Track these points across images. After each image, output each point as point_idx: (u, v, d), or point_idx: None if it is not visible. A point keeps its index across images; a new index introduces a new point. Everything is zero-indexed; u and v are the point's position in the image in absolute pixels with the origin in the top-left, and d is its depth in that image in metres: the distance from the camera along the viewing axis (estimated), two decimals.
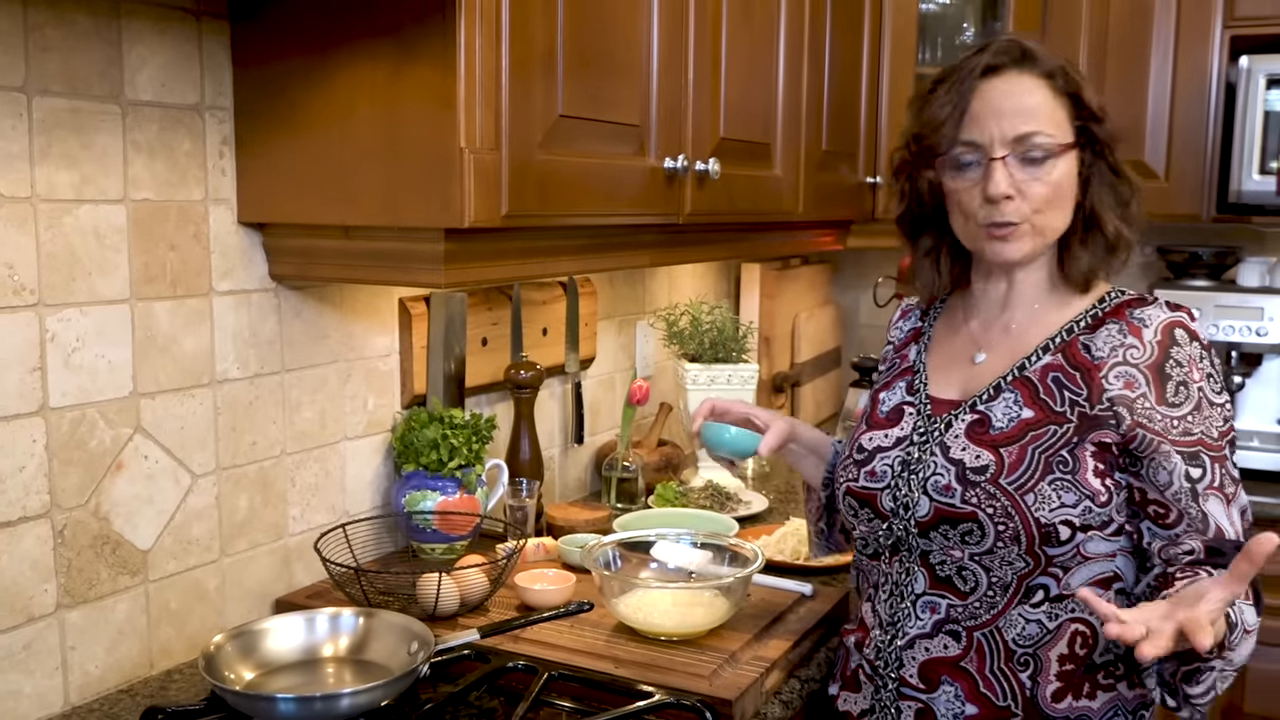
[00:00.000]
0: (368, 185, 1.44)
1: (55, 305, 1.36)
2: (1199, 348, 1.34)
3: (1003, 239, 1.38)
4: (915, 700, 1.40)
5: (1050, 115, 1.35)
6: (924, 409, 1.46)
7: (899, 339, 1.61)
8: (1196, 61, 2.69)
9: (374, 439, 1.86)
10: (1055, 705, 1.34)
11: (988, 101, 1.36)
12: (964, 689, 1.37)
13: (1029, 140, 1.34)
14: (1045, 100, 1.35)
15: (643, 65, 1.68)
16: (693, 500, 2.21)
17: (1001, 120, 1.35)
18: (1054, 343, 1.39)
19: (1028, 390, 1.38)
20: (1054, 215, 1.37)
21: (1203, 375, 1.33)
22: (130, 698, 1.44)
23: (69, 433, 1.39)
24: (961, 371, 1.47)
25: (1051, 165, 1.34)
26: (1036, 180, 1.35)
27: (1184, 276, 2.89)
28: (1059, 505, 1.31)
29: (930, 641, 1.39)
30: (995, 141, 1.35)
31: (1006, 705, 1.36)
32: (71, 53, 1.35)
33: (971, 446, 1.38)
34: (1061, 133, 1.35)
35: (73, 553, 1.40)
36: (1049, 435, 1.34)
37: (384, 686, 1.26)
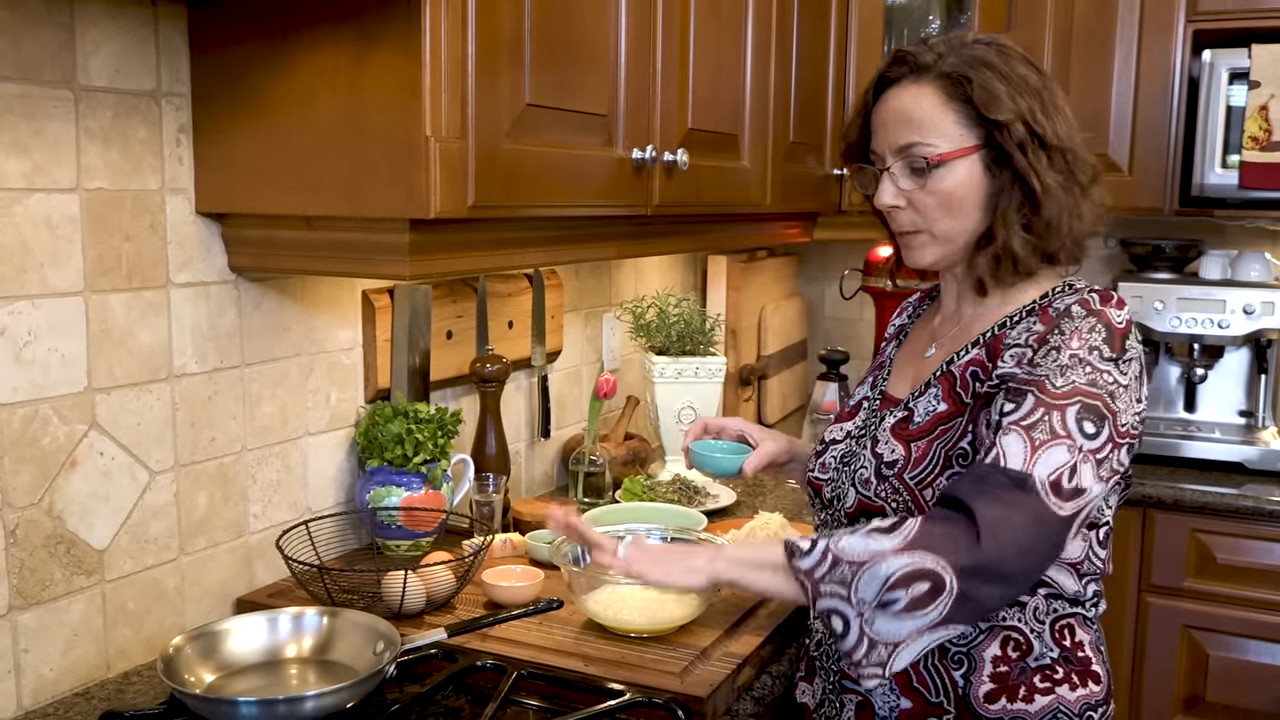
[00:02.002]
0: (330, 174, 1.40)
1: (5, 297, 1.31)
2: (1095, 320, 1.28)
3: (908, 245, 1.41)
4: (854, 693, 1.41)
5: (936, 123, 1.33)
6: (874, 403, 1.49)
7: (890, 334, 1.63)
8: (1159, 55, 2.71)
9: (337, 434, 1.83)
10: (988, 706, 1.33)
11: (881, 114, 1.39)
12: (898, 682, 1.37)
13: (909, 151, 1.35)
14: (933, 109, 1.33)
15: (610, 54, 1.66)
16: (661, 494, 2.19)
17: (888, 131, 1.37)
18: (984, 337, 1.38)
19: (948, 385, 1.38)
20: (950, 223, 1.36)
21: (1084, 344, 1.26)
22: (86, 701, 1.40)
23: (20, 429, 1.34)
24: (914, 367, 1.49)
25: (939, 174, 1.33)
26: (922, 190, 1.35)
27: (1147, 269, 2.91)
28: None
29: None
30: (885, 151, 1.38)
31: (939, 702, 1.35)
32: (21, 36, 1.30)
33: (891, 441, 1.39)
34: (950, 140, 1.32)
35: (25, 553, 1.36)
36: (953, 428, 1.34)
37: (349, 688, 1.23)
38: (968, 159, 1.33)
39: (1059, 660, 1.34)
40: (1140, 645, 2.62)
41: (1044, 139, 1.30)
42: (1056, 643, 1.35)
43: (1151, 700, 2.61)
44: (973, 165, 1.33)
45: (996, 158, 1.32)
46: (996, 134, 1.30)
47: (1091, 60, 2.76)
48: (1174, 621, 2.58)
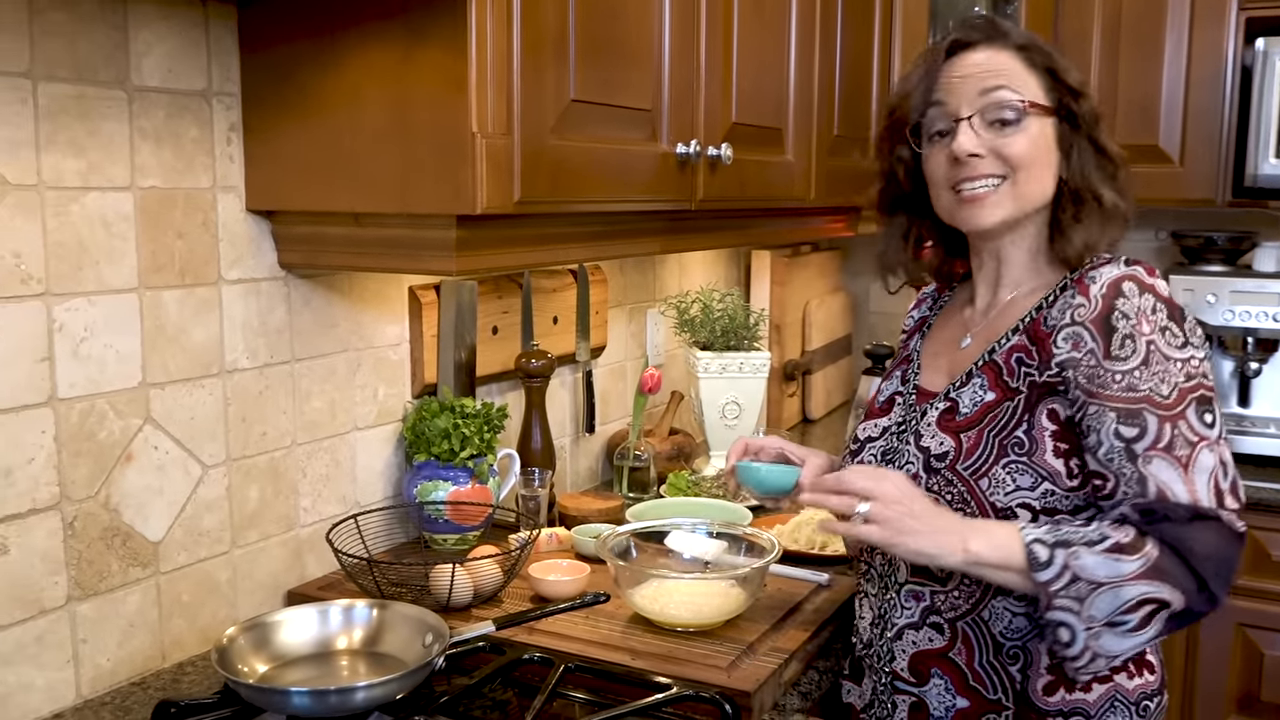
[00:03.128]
0: (378, 171, 1.42)
1: (63, 295, 1.34)
2: (1152, 299, 1.27)
3: (974, 202, 1.36)
4: (908, 694, 1.40)
5: (1023, 79, 1.35)
6: (909, 398, 1.47)
7: (909, 327, 1.62)
8: (1211, 43, 2.66)
9: (385, 429, 1.84)
10: (1047, 698, 1.32)
11: (956, 72, 1.37)
12: (954, 681, 1.36)
13: (995, 95, 1.33)
14: (1016, 67, 1.36)
15: (654, 49, 1.66)
16: (705, 489, 2.19)
17: (968, 84, 1.35)
18: (1023, 322, 1.37)
19: (994, 373, 1.37)
20: (1031, 179, 1.34)
21: (1154, 328, 1.26)
22: (142, 690, 1.43)
23: (78, 424, 1.37)
24: (948, 358, 1.47)
25: (1024, 126, 1.33)
26: (1007, 139, 1.33)
27: (1199, 262, 2.86)
28: (1014, 489, 1.29)
29: (917, 634, 1.38)
30: (962, 103, 1.35)
31: (997, 699, 1.34)
32: (76, 37, 1.33)
33: (939, 434, 1.38)
34: (1035, 95, 1.34)
35: (83, 545, 1.39)
36: (1004, 414, 1.33)
37: (399, 679, 1.25)
38: (1047, 119, 1.35)
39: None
40: (1193, 643, 2.58)
41: (1100, 116, 1.38)
42: None
43: (1205, 699, 2.57)
44: (1048, 126, 1.35)
45: (1071, 127, 1.35)
46: (1073, 103, 1.35)
47: (1141, 49, 2.72)
48: (1228, 619, 2.54)
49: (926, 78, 1.39)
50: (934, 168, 1.39)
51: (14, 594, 1.32)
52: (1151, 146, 2.74)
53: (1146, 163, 2.73)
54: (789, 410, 2.96)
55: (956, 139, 1.35)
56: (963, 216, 1.38)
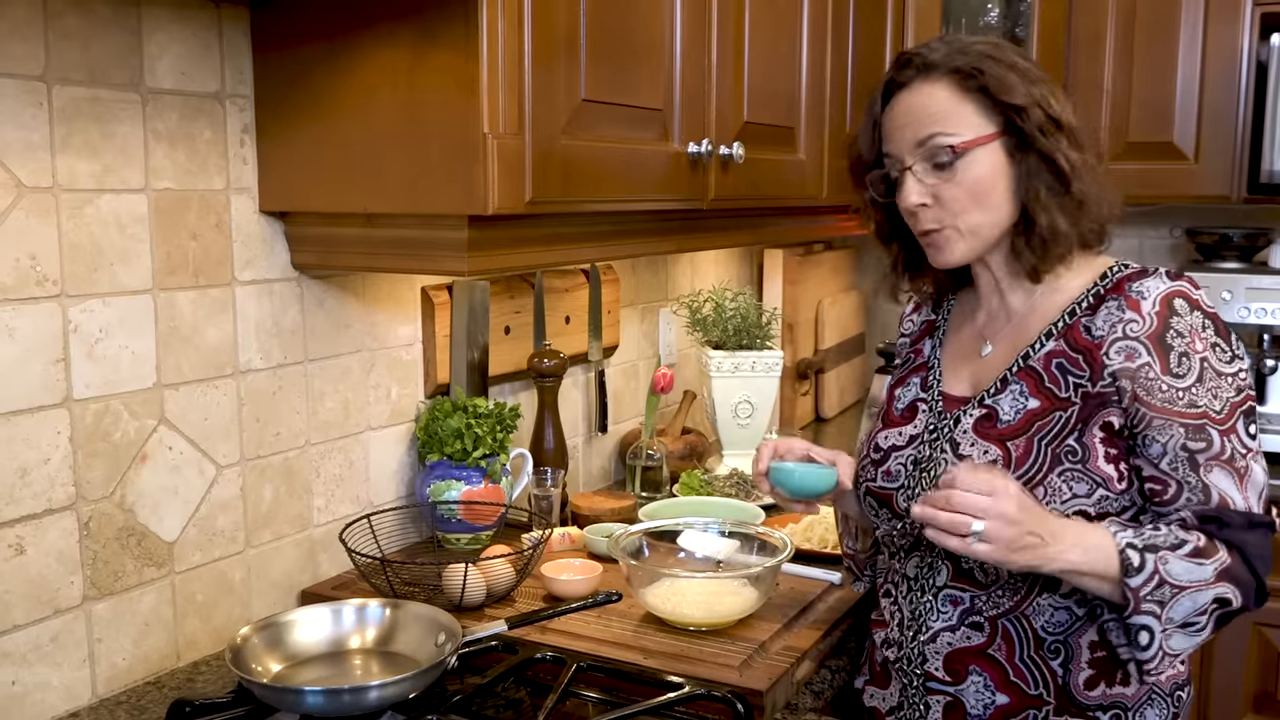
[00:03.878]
0: (389, 172, 1.42)
1: (78, 296, 1.35)
2: (1201, 316, 1.31)
3: (934, 246, 1.38)
4: (943, 694, 1.39)
5: (953, 114, 1.32)
6: (935, 405, 1.45)
7: (913, 331, 1.61)
8: (1226, 39, 2.65)
9: (398, 429, 1.85)
10: (1088, 693, 1.33)
11: (892, 117, 1.37)
12: (993, 678, 1.35)
13: (930, 143, 1.33)
14: (947, 101, 1.33)
15: (665, 49, 1.66)
16: (718, 489, 2.19)
17: (905, 131, 1.35)
18: (1056, 328, 1.37)
19: (1033, 380, 1.36)
20: (977, 215, 1.34)
21: (1206, 345, 1.30)
22: (158, 689, 1.44)
23: (93, 424, 1.38)
24: (971, 365, 1.46)
25: (963, 165, 1.32)
26: (948, 183, 1.33)
27: (1214, 259, 2.84)
28: (1071, 496, 1.30)
29: (953, 635, 1.37)
30: (904, 152, 1.36)
31: (1038, 693, 1.34)
32: (91, 41, 1.34)
33: (980, 442, 1.36)
34: (971, 129, 1.32)
35: (98, 545, 1.40)
36: (1054, 423, 1.32)
37: (412, 678, 1.25)
38: (990, 146, 1.32)
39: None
40: (1210, 643, 2.56)
41: (1060, 122, 1.32)
42: None
43: (1220, 698, 2.56)
44: (995, 153, 1.33)
45: (1018, 144, 1.32)
46: (1016, 119, 1.31)
47: (1155, 45, 2.71)
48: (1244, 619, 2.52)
49: (871, 125, 1.40)
50: (901, 212, 1.40)
51: (30, 593, 1.32)
52: (1166, 143, 2.73)
53: (1161, 160, 2.72)
54: (802, 409, 2.96)
55: (901, 190, 1.36)
56: (930, 257, 1.41)
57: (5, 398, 1.28)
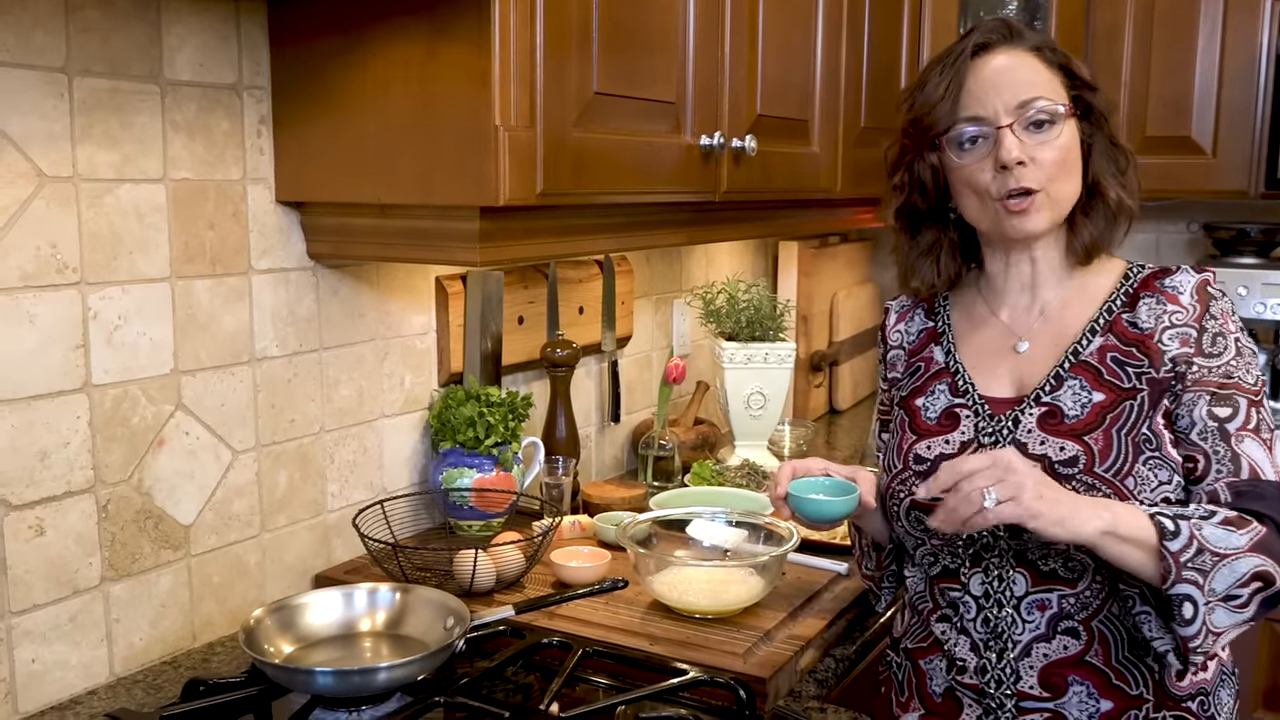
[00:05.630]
0: (403, 163, 1.44)
1: (97, 283, 1.38)
2: (1228, 304, 1.38)
3: (1022, 212, 1.35)
4: (1040, 711, 1.32)
5: (1048, 83, 1.37)
6: (981, 409, 1.40)
7: (909, 342, 1.53)
8: (1245, 34, 2.63)
9: (411, 416, 1.88)
10: (1180, 684, 1.32)
11: (983, 77, 1.37)
12: (1096, 685, 1.31)
13: (1033, 105, 1.34)
14: (1040, 70, 1.37)
15: (678, 41, 1.67)
16: (729, 479, 2.21)
17: (1002, 92, 1.35)
18: (1099, 324, 1.38)
19: (1090, 374, 1.35)
20: (1065, 183, 1.37)
21: (1237, 327, 1.36)
22: (173, 669, 1.47)
23: (111, 409, 1.41)
24: (1005, 364, 1.42)
25: (1058, 130, 1.35)
26: (1045, 145, 1.34)
27: (1231, 254, 2.83)
28: (1158, 484, 1.29)
29: (1048, 645, 1.32)
30: (1000, 111, 1.35)
31: (1139, 693, 1.31)
32: (111, 33, 1.36)
33: (1051, 440, 1.32)
34: (1061, 100, 1.36)
35: (116, 527, 1.43)
36: (1126, 414, 1.32)
37: (420, 660, 1.28)
38: (1071, 120, 1.37)
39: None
40: None
41: (1110, 110, 1.41)
42: None
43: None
44: (1074, 128, 1.38)
45: (1089, 123, 1.39)
46: (1089, 98, 1.38)
47: (1174, 40, 2.70)
48: None
49: (954, 85, 1.37)
50: (974, 176, 1.36)
51: (50, 574, 1.36)
52: (1184, 138, 2.72)
53: (1179, 154, 2.71)
54: (816, 401, 2.97)
55: (1002, 145, 1.33)
56: (1012, 226, 1.36)
57: (26, 383, 1.31)
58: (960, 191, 1.40)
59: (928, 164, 1.42)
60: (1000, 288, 1.46)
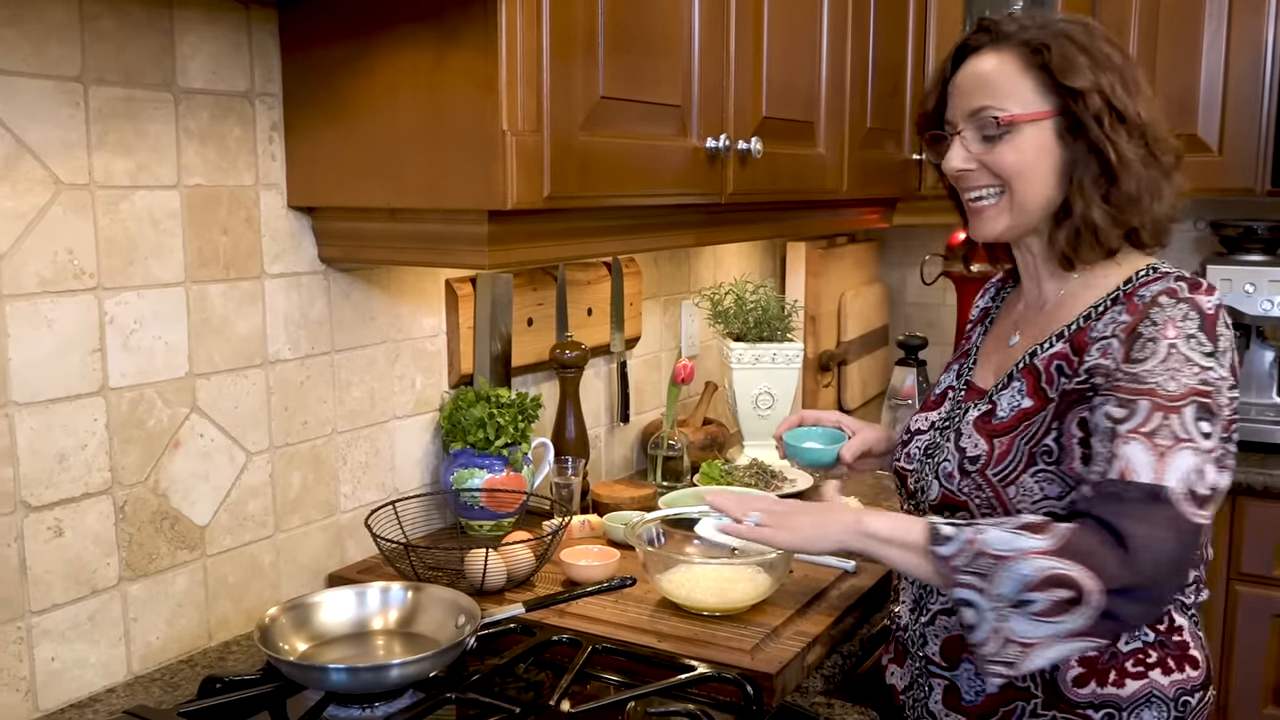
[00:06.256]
0: (412, 168, 1.46)
1: (113, 288, 1.40)
2: (1187, 308, 1.24)
3: (978, 213, 1.38)
4: (941, 677, 1.42)
5: (1010, 88, 1.32)
6: (959, 394, 1.48)
7: (975, 317, 1.61)
8: (1251, 31, 2.64)
9: (422, 418, 1.90)
10: (1077, 690, 1.33)
11: (958, 81, 1.39)
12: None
13: (981, 114, 1.34)
14: (1009, 73, 1.32)
15: (684, 45, 1.69)
16: (737, 478, 2.22)
17: (963, 96, 1.37)
18: (1069, 329, 1.35)
19: (1032, 379, 1.36)
20: (1026, 188, 1.33)
21: (1180, 333, 1.23)
22: (190, 667, 1.49)
23: (128, 412, 1.43)
24: (998, 355, 1.47)
25: (1009, 139, 1.32)
26: (995, 152, 1.33)
27: (1238, 251, 2.83)
28: (1041, 498, 1.30)
29: (949, 619, 1.40)
30: (957, 115, 1.37)
31: (1026, 686, 1.35)
32: (126, 42, 1.39)
33: (974, 436, 1.38)
34: (1022, 104, 1.32)
35: (133, 528, 1.45)
36: (1036, 424, 1.32)
37: (432, 658, 1.30)
38: (1039, 124, 1.31)
39: (1153, 644, 1.33)
40: (1229, 634, 2.57)
41: (1123, 114, 1.29)
42: (1151, 627, 1.34)
43: (1241, 690, 2.56)
44: (1043, 132, 1.32)
45: (1071, 127, 1.31)
46: (1072, 103, 1.30)
47: (1179, 37, 2.70)
48: (1264, 610, 2.53)
49: (939, 86, 1.42)
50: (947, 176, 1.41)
51: (69, 574, 1.38)
52: (1190, 136, 2.72)
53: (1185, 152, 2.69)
54: (824, 400, 2.98)
55: (946, 153, 1.38)
56: (970, 227, 1.41)
57: (45, 386, 1.34)
58: None
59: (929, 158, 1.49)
60: (1023, 279, 1.48)
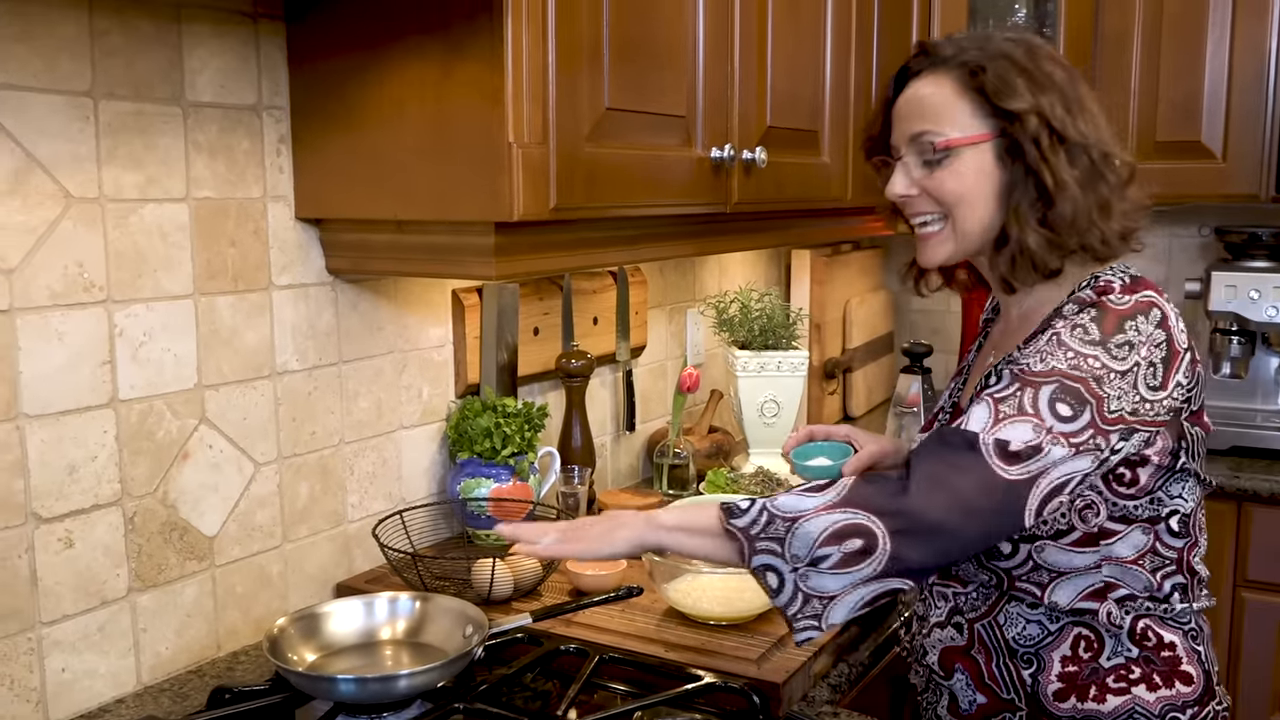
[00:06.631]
0: (419, 180, 1.47)
1: (123, 301, 1.41)
2: (1096, 310, 1.24)
3: (924, 240, 1.37)
4: (939, 687, 1.45)
5: (948, 112, 1.30)
6: (945, 416, 1.49)
7: (980, 331, 1.60)
8: (1254, 38, 2.64)
9: (429, 428, 1.90)
10: (1059, 704, 1.33)
11: (898, 107, 1.37)
12: (972, 676, 1.40)
13: (920, 140, 1.32)
14: (947, 97, 1.30)
15: (688, 55, 1.70)
16: (744, 486, 2.22)
17: (903, 122, 1.35)
18: (1020, 348, 1.32)
19: None
20: (968, 212, 1.31)
21: (1069, 325, 1.24)
22: (199, 678, 1.50)
23: (137, 424, 1.44)
24: (979, 373, 1.46)
25: (948, 164, 1.30)
26: (935, 178, 1.31)
27: (1242, 258, 2.84)
28: None
29: (943, 631, 1.43)
30: (900, 143, 1.36)
31: (1010, 698, 1.37)
32: (134, 57, 1.40)
33: None
34: (960, 128, 1.29)
35: (143, 539, 1.46)
36: None
37: (440, 668, 1.30)
38: (977, 148, 1.29)
39: (1137, 660, 1.32)
40: (1236, 642, 2.57)
41: (1063, 135, 1.26)
42: (1136, 643, 1.32)
43: (1248, 698, 2.56)
44: (983, 155, 1.29)
45: (1010, 150, 1.28)
46: (1009, 126, 1.27)
47: (1183, 44, 2.71)
48: (1271, 618, 2.52)
49: (883, 107, 1.40)
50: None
51: (78, 585, 1.39)
52: (1194, 142, 2.73)
53: (1189, 159, 2.72)
54: (830, 408, 2.99)
55: (889, 179, 1.36)
56: (918, 253, 1.39)
57: (55, 398, 1.35)
58: None
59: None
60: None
